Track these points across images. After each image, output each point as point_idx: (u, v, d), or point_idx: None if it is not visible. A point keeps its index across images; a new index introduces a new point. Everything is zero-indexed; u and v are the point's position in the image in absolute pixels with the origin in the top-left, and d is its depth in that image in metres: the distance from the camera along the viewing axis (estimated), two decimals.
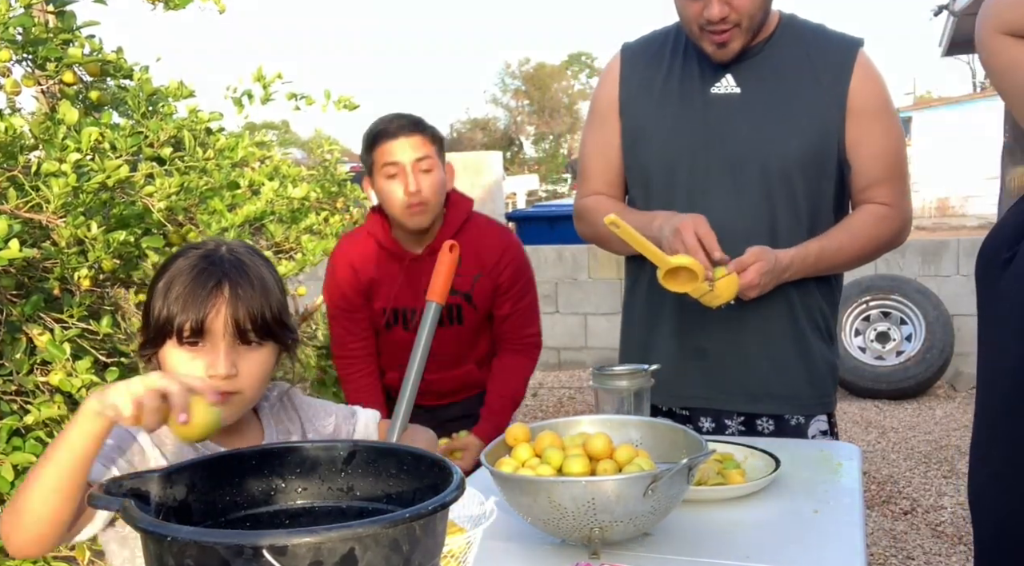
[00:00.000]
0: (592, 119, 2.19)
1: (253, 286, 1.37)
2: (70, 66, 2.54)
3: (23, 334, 2.20)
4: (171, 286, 1.35)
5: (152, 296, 1.37)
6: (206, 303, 1.33)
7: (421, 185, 2.33)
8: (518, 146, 41.34)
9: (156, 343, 1.36)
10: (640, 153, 2.09)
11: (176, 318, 1.33)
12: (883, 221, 2.02)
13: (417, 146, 2.34)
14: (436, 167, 2.37)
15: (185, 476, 0.97)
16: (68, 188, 2.14)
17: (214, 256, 1.39)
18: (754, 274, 1.85)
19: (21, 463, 2.09)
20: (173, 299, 1.34)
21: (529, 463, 1.51)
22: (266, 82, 3.06)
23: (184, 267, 1.36)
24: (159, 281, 1.37)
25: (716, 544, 1.46)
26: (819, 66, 1.99)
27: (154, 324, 1.35)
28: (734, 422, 2.08)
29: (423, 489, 0.97)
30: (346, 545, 0.78)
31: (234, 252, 1.41)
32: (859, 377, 6.26)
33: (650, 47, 2.13)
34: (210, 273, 1.35)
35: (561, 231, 8.30)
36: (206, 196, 2.66)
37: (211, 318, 1.33)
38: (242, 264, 1.39)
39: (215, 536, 0.80)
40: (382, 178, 2.36)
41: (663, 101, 2.06)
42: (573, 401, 6.58)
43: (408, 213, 2.35)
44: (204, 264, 1.36)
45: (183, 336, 1.34)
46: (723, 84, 2.01)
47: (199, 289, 1.34)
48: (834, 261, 2.00)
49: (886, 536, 4.04)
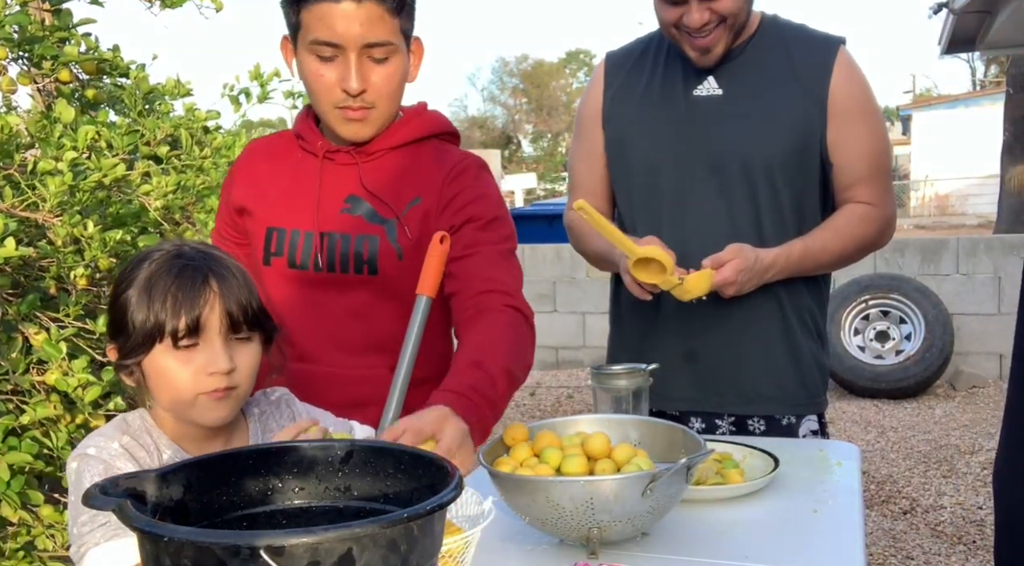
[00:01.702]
0: (578, 131, 2.21)
1: (236, 277, 1.35)
2: (66, 64, 2.53)
3: (19, 333, 2.20)
4: (151, 291, 1.30)
5: (127, 307, 1.31)
6: (198, 300, 1.30)
7: (369, 80, 1.62)
8: (516, 144, 41.38)
9: (142, 352, 1.31)
10: (624, 157, 2.10)
11: (167, 322, 1.29)
12: (866, 220, 2.02)
13: (373, 22, 1.58)
14: (396, 55, 1.63)
15: (181, 476, 0.96)
16: (64, 187, 2.13)
17: (186, 254, 1.35)
18: (730, 271, 1.85)
19: (17, 463, 2.08)
20: (159, 303, 1.29)
21: (527, 463, 1.51)
22: (263, 80, 3.05)
23: (159, 270, 1.31)
24: (128, 290, 1.31)
25: (715, 544, 1.46)
26: (800, 66, 1.99)
27: (139, 332, 1.30)
28: (725, 423, 2.08)
29: (421, 489, 0.96)
30: (344, 545, 0.78)
31: (200, 249, 1.38)
32: (858, 376, 6.27)
33: (632, 54, 2.14)
34: (193, 270, 1.32)
35: (559, 230, 8.25)
36: (203, 195, 2.65)
37: (206, 315, 1.31)
38: (216, 258, 1.36)
39: (212, 536, 0.80)
40: (309, 56, 1.62)
41: (646, 106, 2.07)
42: (571, 400, 6.58)
43: (341, 117, 1.66)
44: (180, 263, 1.32)
45: (178, 339, 1.30)
46: (705, 86, 2.02)
47: (187, 288, 1.30)
48: (819, 260, 2.00)
49: (885, 536, 4.04)
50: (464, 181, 1.72)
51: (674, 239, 1.95)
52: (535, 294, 7.51)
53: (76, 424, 2.19)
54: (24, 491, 2.14)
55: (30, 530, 2.25)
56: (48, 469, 2.20)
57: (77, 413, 2.16)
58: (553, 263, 7.47)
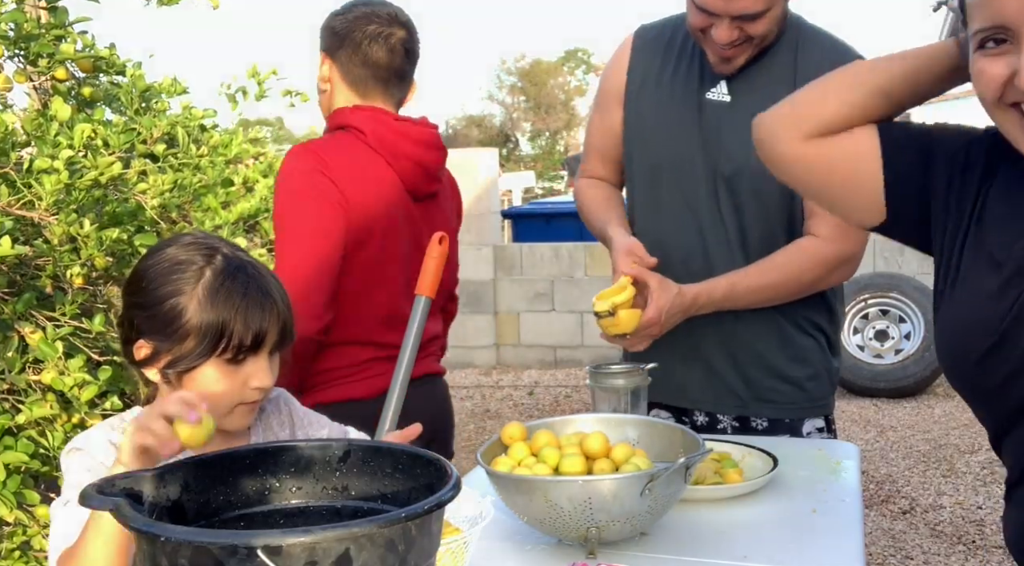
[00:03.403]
0: (598, 101, 2.20)
1: (280, 295, 1.35)
2: (62, 62, 2.52)
3: (15, 332, 2.19)
4: (218, 300, 1.27)
5: (181, 312, 1.28)
6: (266, 315, 1.29)
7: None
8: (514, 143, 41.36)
9: (199, 360, 1.28)
10: (633, 147, 2.11)
11: (235, 333, 1.27)
12: (810, 258, 1.93)
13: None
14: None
15: (179, 475, 0.96)
16: (60, 185, 2.13)
17: (236, 261, 1.33)
18: (654, 311, 1.82)
19: (13, 462, 2.08)
20: (228, 312, 1.27)
21: (525, 462, 1.50)
22: (260, 79, 3.04)
23: (224, 280, 1.29)
24: (181, 294, 1.28)
25: (714, 544, 1.45)
26: (800, 75, 1.93)
27: (199, 340, 1.27)
28: (727, 418, 2.07)
29: (419, 488, 0.96)
30: (341, 545, 0.77)
31: (242, 257, 1.36)
32: (857, 376, 6.26)
33: (662, 36, 2.10)
34: (253, 282, 1.31)
35: (557, 228, 8.29)
36: (200, 193, 2.64)
37: (268, 329, 1.30)
38: (262, 269, 1.36)
39: (209, 536, 0.79)
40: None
41: (663, 100, 2.05)
42: (569, 400, 6.58)
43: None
44: (243, 276, 1.31)
45: (240, 351, 1.28)
46: (716, 91, 2.00)
47: (255, 300, 1.29)
48: (751, 298, 1.94)
49: (885, 535, 4.04)
50: None
51: (668, 239, 1.97)
52: (533, 293, 7.51)
53: (72, 423, 2.18)
54: (20, 491, 2.14)
55: (26, 530, 2.24)
56: (44, 469, 2.19)
57: (73, 412, 2.15)
58: (551, 262, 7.47)
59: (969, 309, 1.15)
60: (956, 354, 1.16)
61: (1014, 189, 1.15)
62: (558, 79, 42.16)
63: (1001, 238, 1.14)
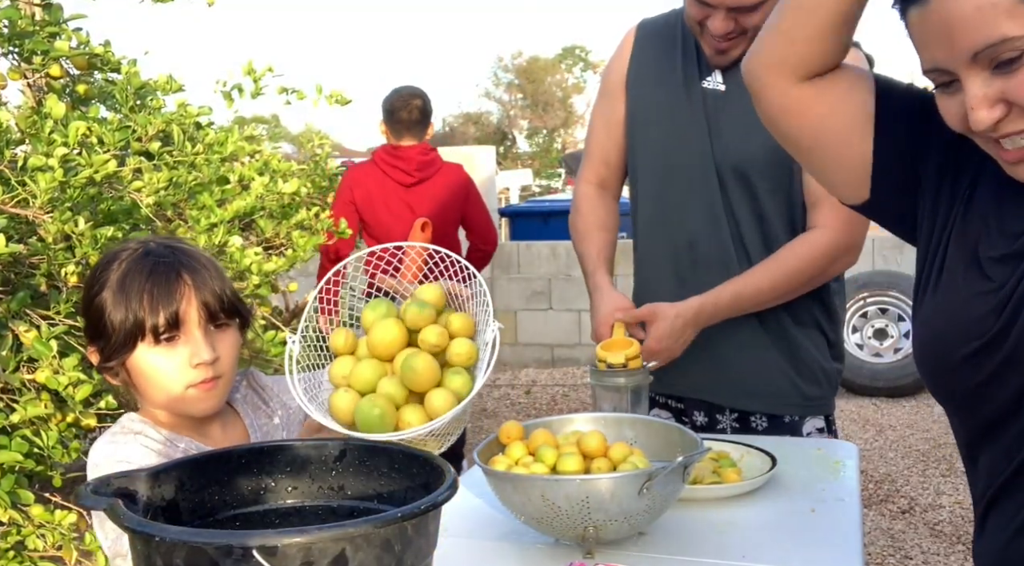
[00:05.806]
0: (601, 94, 2.23)
1: (207, 269, 1.39)
2: (57, 59, 2.51)
3: (9, 331, 2.18)
4: (127, 290, 1.33)
5: (103, 309, 1.34)
6: (174, 294, 1.34)
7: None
8: (511, 141, 41.35)
9: (124, 352, 1.35)
10: (635, 137, 2.13)
11: (146, 319, 1.32)
12: (813, 249, 1.94)
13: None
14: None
15: (173, 475, 0.96)
16: (55, 183, 2.12)
17: (154, 251, 1.38)
18: (652, 342, 1.90)
19: (7, 462, 2.07)
20: (136, 302, 1.33)
21: (522, 461, 1.50)
22: (256, 76, 3.03)
23: (130, 269, 1.35)
24: (101, 292, 1.35)
25: (712, 543, 1.45)
26: None
27: (119, 333, 1.34)
28: (727, 417, 2.07)
29: (415, 488, 0.96)
30: (337, 545, 0.77)
31: (167, 244, 1.42)
32: (856, 374, 6.25)
33: (665, 28, 2.14)
34: (165, 266, 1.36)
35: (555, 227, 8.29)
36: (195, 191, 2.64)
37: (183, 308, 1.34)
38: (185, 251, 1.40)
39: (204, 536, 0.79)
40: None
41: (664, 87, 2.08)
42: (567, 399, 6.57)
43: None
44: (151, 260, 1.36)
45: (159, 334, 1.33)
46: (712, 80, 2.03)
47: (161, 284, 1.34)
48: (758, 299, 1.96)
49: (884, 535, 4.03)
50: None
51: (673, 227, 2.01)
52: (530, 291, 7.51)
53: (67, 423, 2.18)
54: (14, 490, 2.13)
55: (20, 530, 2.24)
56: (38, 468, 2.19)
57: (68, 411, 2.15)
58: (548, 260, 7.46)
59: (956, 307, 1.12)
60: (939, 355, 1.13)
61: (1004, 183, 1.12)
62: (555, 76, 42.16)
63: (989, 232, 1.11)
